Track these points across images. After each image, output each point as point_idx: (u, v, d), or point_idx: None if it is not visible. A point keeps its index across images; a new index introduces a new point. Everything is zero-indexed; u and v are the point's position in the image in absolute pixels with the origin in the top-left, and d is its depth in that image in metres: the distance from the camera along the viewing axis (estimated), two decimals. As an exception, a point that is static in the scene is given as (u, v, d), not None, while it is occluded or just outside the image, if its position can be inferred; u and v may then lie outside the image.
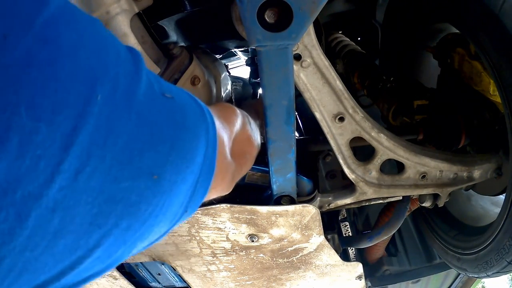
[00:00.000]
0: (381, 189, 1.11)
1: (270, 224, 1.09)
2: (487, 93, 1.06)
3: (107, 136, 0.31)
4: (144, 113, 0.35)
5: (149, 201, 0.36)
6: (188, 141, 0.42)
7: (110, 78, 0.32)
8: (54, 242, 0.29)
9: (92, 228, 0.32)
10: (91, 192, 0.30)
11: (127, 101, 0.33)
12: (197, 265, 1.25)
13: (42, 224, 0.28)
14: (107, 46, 0.34)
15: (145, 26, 0.89)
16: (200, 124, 0.46)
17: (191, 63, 0.96)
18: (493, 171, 1.17)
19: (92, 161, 0.30)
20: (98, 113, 0.30)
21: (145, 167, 0.35)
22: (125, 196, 0.33)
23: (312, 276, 1.33)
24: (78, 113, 0.29)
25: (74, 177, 0.29)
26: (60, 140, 0.28)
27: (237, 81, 1.85)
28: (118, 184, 0.32)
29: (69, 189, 0.29)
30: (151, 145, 0.35)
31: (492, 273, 1.13)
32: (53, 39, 0.28)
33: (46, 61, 0.27)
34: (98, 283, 1.40)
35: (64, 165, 0.28)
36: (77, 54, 0.30)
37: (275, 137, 0.87)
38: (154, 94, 0.37)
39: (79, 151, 0.29)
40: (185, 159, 0.41)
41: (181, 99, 0.43)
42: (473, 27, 0.94)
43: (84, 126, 0.29)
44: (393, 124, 1.28)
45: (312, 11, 0.65)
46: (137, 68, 0.36)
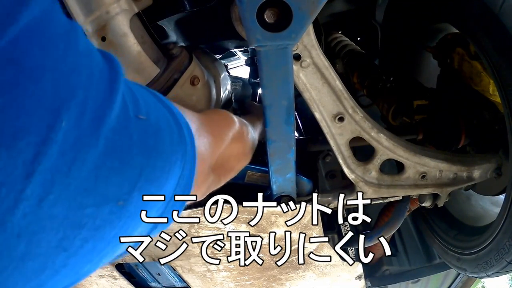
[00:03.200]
0: (380, 189, 1.11)
1: (269, 224, 1.09)
2: (487, 93, 1.06)
3: (72, 163, 0.30)
4: (113, 138, 0.34)
5: (114, 225, 0.36)
6: (160, 167, 0.41)
7: (78, 101, 0.30)
8: (22, 264, 0.29)
9: (58, 251, 0.32)
10: (56, 218, 0.30)
11: (95, 126, 0.32)
12: (197, 265, 1.25)
13: (8, 248, 0.28)
14: (79, 65, 0.32)
15: (144, 26, 0.89)
16: (176, 147, 0.45)
17: (191, 63, 0.96)
18: (492, 171, 1.17)
19: (55, 188, 0.29)
20: (62, 140, 0.29)
21: (111, 194, 0.34)
22: (89, 221, 0.33)
23: (312, 276, 1.33)
24: (40, 140, 0.28)
25: (37, 204, 0.28)
26: (22, 167, 0.27)
27: (236, 81, 1.85)
28: (82, 210, 0.32)
29: (33, 215, 0.28)
30: (119, 172, 0.35)
31: (492, 273, 1.13)
32: (18, 59, 0.26)
33: (8, 83, 0.26)
34: (98, 283, 1.40)
35: (27, 192, 0.27)
36: (42, 77, 0.28)
37: (274, 137, 0.87)
38: (126, 117, 0.36)
39: (42, 179, 0.28)
40: (155, 184, 0.40)
41: (157, 119, 0.42)
42: (473, 27, 0.94)
43: (47, 153, 0.28)
44: (393, 124, 1.28)
45: (312, 11, 0.65)
46: (112, 88, 0.34)
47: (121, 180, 0.35)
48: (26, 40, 0.27)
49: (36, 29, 0.28)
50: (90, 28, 0.80)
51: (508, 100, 0.92)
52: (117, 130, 0.34)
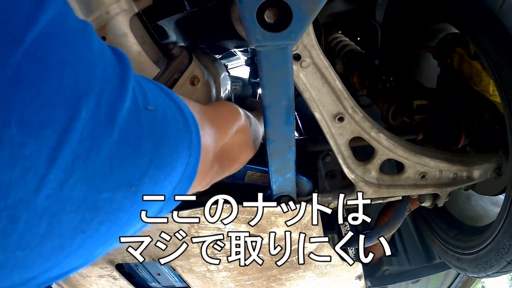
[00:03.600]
0: (380, 189, 1.11)
1: (269, 224, 1.09)
2: (486, 93, 1.06)
3: (89, 151, 0.32)
4: (126, 128, 0.36)
5: (127, 209, 0.39)
6: (168, 154, 0.43)
7: (95, 94, 0.33)
8: (42, 243, 0.32)
9: (76, 233, 0.34)
10: (75, 201, 0.33)
11: (110, 117, 0.34)
12: (197, 265, 1.25)
13: (31, 227, 0.30)
14: (94, 61, 0.34)
15: (144, 26, 0.89)
16: (183, 136, 0.47)
17: (191, 63, 0.96)
18: (492, 171, 1.17)
19: (75, 173, 0.32)
20: (82, 129, 0.31)
21: (125, 180, 0.37)
22: (105, 205, 0.36)
23: (312, 276, 1.33)
24: (63, 128, 0.30)
25: (59, 187, 0.31)
26: (46, 153, 0.29)
27: (236, 81, 1.85)
28: (99, 195, 0.35)
29: (55, 197, 0.31)
30: (131, 159, 0.37)
31: (492, 273, 1.13)
32: (41, 57, 0.29)
33: (34, 79, 0.28)
34: (98, 283, 1.40)
35: (50, 176, 0.30)
36: (63, 72, 0.31)
37: (274, 137, 0.87)
38: (137, 108, 0.39)
39: (63, 164, 0.31)
40: (164, 171, 0.43)
41: (165, 111, 0.45)
42: (473, 27, 0.94)
43: (68, 141, 0.31)
44: (393, 124, 1.28)
45: (312, 11, 0.65)
46: (123, 82, 0.37)
47: (134, 167, 0.38)
48: (47, 39, 0.30)
49: (54, 28, 0.31)
50: (90, 28, 0.80)
51: (508, 100, 0.92)
52: (129, 120, 0.37)
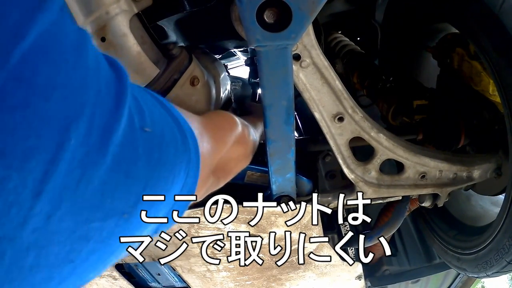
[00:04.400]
0: (380, 189, 1.11)
1: (269, 224, 1.09)
2: (486, 93, 1.06)
3: (79, 180, 0.30)
4: (120, 153, 0.34)
5: (118, 236, 0.37)
6: (164, 177, 0.42)
7: (86, 118, 0.30)
8: (30, 275, 0.30)
9: (65, 263, 0.33)
10: (63, 232, 0.31)
11: (103, 142, 0.32)
12: (197, 265, 1.25)
13: (18, 261, 0.29)
14: (88, 80, 0.31)
15: (144, 26, 0.89)
16: (181, 156, 0.45)
17: (191, 64, 0.96)
18: (492, 171, 1.17)
19: (64, 204, 0.30)
20: (70, 157, 0.29)
21: (117, 208, 0.35)
22: (95, 234, 0.34)
23: (311, 276, 1.33)
24: (49, 159, 0.28)
25: (46, 219, 0.29)
26: (31, 185, 0.27)
27: (236, 81, 1.85)
28: (89, 224, 0.33)
29: (42, 230, 0.29)
30: (124, 186, 0.35)
31: (492, 273, 1.13)
32: (28, 78, 0.26)
33: (19, 104, 0.26)
34: (97, 283, 1.40)
35: (35, 209, 0.28)
36: (52, 95, 0.28)
37: (274, 137, 0.87)
38: (132, 130, 0.36)
39: (50, 196, 0.28)
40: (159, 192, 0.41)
41: (162, 129, 0.42)
42: (473, 27, 0.94)
43: (55, 172, 0.28)
44: (393, 124, 1.28)
45: (311, 11, 0.65)
46: (119, 101, 0.34)
47: (127, 193, 0.36)
48: (36, 57, 0.27)
49: (45, 44, 0.27)
50: (89, 28, 0.80)
51: (507, 100, 0.92)
52: (123, 144, 0.34)
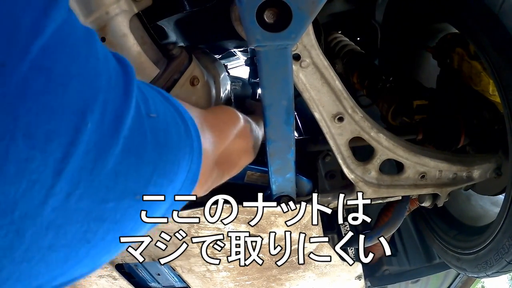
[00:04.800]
0: (380, 189, 1.11)
1: (269, 224, 1.09)
2: (486, 93, 1.06)
3: (95, 162, 0.32)
4: (130, 137, 0.36)
5: (132, 217, 0.39)
6: (171, 161, 0.44)
7: (100, 104, 0.33)
8: (48, 255, 0.32)
9: (82, 243, 0.34)
10: (81, 212, 0.33)
11: (115, 127, 0.34)
12: (197, 265, 1.25)
13: (37, 239, 0.30)
14: (99, 70, 0.34)
15: (144, 26, 0.89)
16: (184, 142, 0.48)
17: (191, 64, 0.96)
18: (492, 171, 1.17)
19: (81, 184, 0.32)
20: (87, 140, 0.31)
21: (129, 189, 0.37)
22: (110, 215, 0.36)
23: (311, 276, 1.33)
24: (69, 141, 0.30)
25: (65, 199, 0.31)
26: (52, 166, 0.29)
27: (236, 81, 1.85)
28: (104, 205, 0.35)
29: (61, 209, 0.31)
30: (135, 169, 0.38)
31: (492, 273, 1.13)
32: (48, 68, 0.29)
33: (40, 90, 0.28)
34: (97, 283, 1.40)
35: (56, 188, 0.30)
36: (69, 83, 0.30)
37: (274, 137, 0.87)
38: (140, 117, 0.38)
39: (69, 176, 0.30)
40: (167, 178, 0.44)
41: (166, 117, 0.45)
42: (473, 27, 0.94)
43: (75, 153, 0.30)
44: (393, 124, 1.28)
45: (311, 11, 0.65)
46: (127, 90, 0.37)
47: (138, 175, 0.38)
48: (53, 49, 0.29)
49: (60, 38, 0.30)
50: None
51: (507, 100, 0.92)
52: (133, 129, 0.37)
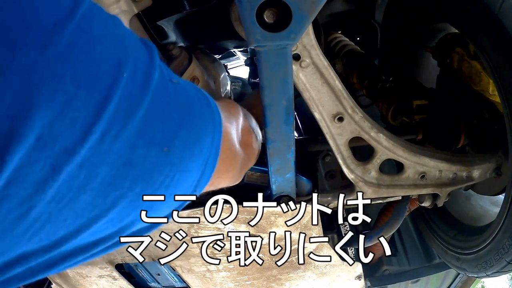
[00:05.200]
0: (380, 189, 1.11)
1: (269, 224, 1.09)
2: (486, 93, 1.06)
3: (128, 108, 0.36)
4: (157, 93, 0.40)
5: (160, 170, 0.41)
6: (194, 123, 0.47)
7: (132, 61, 0.37)
8: (76, 197, 0.34)
9: (110, 188, 0.36)
10: (112, 155, 0.35)
11: (144, 82, 0.39)
12: (197, 265, 1.25)
13: (70, 178, 0.32)
14: (127, 37, 0.40)
15: (144, 26, 0.89)
16: (205, 110, 0.51)
17: (190, 64, 0.96)
18: (492, 171, 1.17)
19: (115, 127, 0.35)
20: (123, 87, 0.35)
21: (157, 139, 0.40)
22: (139, 162, 0.38)
23: (311, 276, 1.33)
24: (109, 85, 0.34)
25: (101, 139, 0.33)
26: (94, 106, 0.33)
27: (236, 81, 1.86)
28: (134, 150, 0.37)
29: (96, 149, 0.33)
30: (162, 121, 0.41)
31: (492, 273, 1.13)
32: (88, 28, 0.34)
33: (84, 45, 0.33)
34: (97, 283, 1.40)
35: (95, 127, 0.33)
36: (105, 40, 0.36)
37: (274, 137, 0.87)
38: (164, 80, 0.42)
39: (107, 117, 0.34)
40: (192, 138, 0.46)
41: (187, 87, 0.49)
42: (472, 27, 0.94)
43: (113, 97, 0.34)
44: (393, 124, 1.28)
45: (311, 11, 0.65)
46: (151, 58, 0.41)
47: (164, 128, 0.41)
48: (90, 17, 0.35)
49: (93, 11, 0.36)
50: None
51: (507, 100, 0.92)
52: (158, 87, 0.40)
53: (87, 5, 0.35)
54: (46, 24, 0.31)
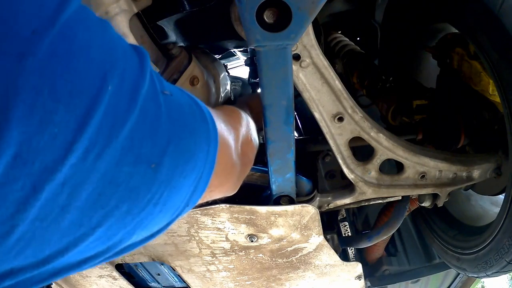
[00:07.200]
0: (380, 189, 1.11)
1: (269, 224, 1.09)
2: (486, 93, 1.06)
3: (113, 123, 0.34)
4: (145, 106, 0.38)
5: (148, 187, 0.39)
6: (186, 137, 0.44)
7: (119, 72, 0.35)
8: (61, 216, 0.32)
9: (96, 207, 0.35)
10: (97, 173, 0.33)
11: (132, 94, 0.36)
12: (197, 265, 1.25)
13: (53, 197, 0.31)
14: (116, 45, 0.37)
15: (144, 26, 0.89)
16: (199, 123, 0.48)
17: (190, 64, 0.96)
18: (492, 170, 1.17)
19: (99, 144, 0.33)
20: (107, 101, 0.33)
21: (144, 156, 0.38)
22: (125, 179, 0.36)
23: (311, 276, 1.33)
24: (91, 99, 0.32)
25: (83, 156, 0.32)
26: (74, 121, 0.31)
27: (236, 81, 1.86)
28: (120, 168, 0.35)
29: (79, 167, 0.32)
30: (150, 137, 0.38)
31: (492, 272, 1.13)
32: (71, 36, 0.32)
33: (66, 54, 0.31)
34: (97, 283, 1.40)
35: (77, 144, 0.31)
36: (90, 49, 0.33)
37: (274, 137, 0.87)
38: (155, 91, 0.40)
39: (89, 134, 0.32)
40: (184, 153, 0.44)
41: (180, 98, 0.46)
42: (473, 27, 0.94)
43: (96, 111, 0.32)
44: (393, 124, 1.28)
45: (311, 11, 0.65)
46: (142, 66, 0.39)
47: (152, 144, 0.39)
48: (74, 24, 0.33)
49: (79, 16, 0.34)
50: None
51: (507, 100, 0.92)
52: (148, 100, 0.38)
53: (74, 9, 0.33)
54: (24, 32, 0.29)
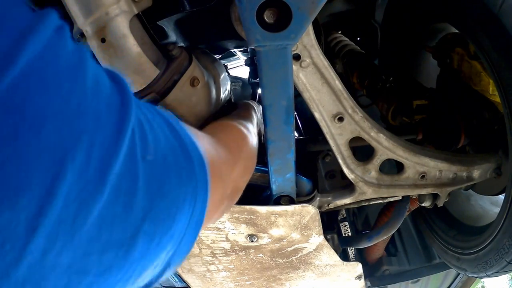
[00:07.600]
0: (380, 189, 1.11)
1: (269, 224, 1.09)
2: (486, 93, 1.06)
3: (76, 215, 0.29)
4: (118, 185, 0.32)
5: (119, 268, 0.35)
6: (165, 209, 0.40)
7: (83, 149, 0.29)
8: None
9: None
10: (60, 267, 0.29)
11: (101, 174, 0.31)
12: (197, 265, 1.25)
13: None
14: (86, 106, 0.30)
15: (144, 27, 0.89)
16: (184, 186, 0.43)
17: (191, 64, 0.96)
18: (492, 171, 1.17)
19: (60, 239, 0.28)
20: (67, 192, 0.28)
21: (114, 240, 0.33)
22: (94, 267, 0.32)
23: (311, 276, 1.33)
24: (44, 194, 0.26)
25: (42, 255, 0.28)
26: (25, 222, 0.26)
27: (236, 81, 1.86)
28: (87, 258, 0.31)
29: (38, 266, 0.28)
30: (122, 218, 0.34)
31: (492, 273, 1.13)
32: (18, 106, 0.25)
33: (8, 136, 0.24)
34: (97, 283, 1.40)
35: (31, 246, 0.27)
36: (44, 125, 0.26)
37: (274, 137, 0.87)
38: (133, 161, 0.35)
39: (46, 231, 0.27)
40: (161, 226, 0.39)
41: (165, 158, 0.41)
42: (473, 27, 0.94)
43: (51, 207, 0.27)
44: (393, 124, 1.28)
45: (311, 11, 0.65)
46: (121, 126, 0.33)
47: (124, 225, 0.34)
48: (27, 83, 0.25)
49: (37, 69, 0.26)
50: (89, 29, 0.80)
51: (507, 100, 0.92)
52: (123, 175, 0.33)
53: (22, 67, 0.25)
54: None
